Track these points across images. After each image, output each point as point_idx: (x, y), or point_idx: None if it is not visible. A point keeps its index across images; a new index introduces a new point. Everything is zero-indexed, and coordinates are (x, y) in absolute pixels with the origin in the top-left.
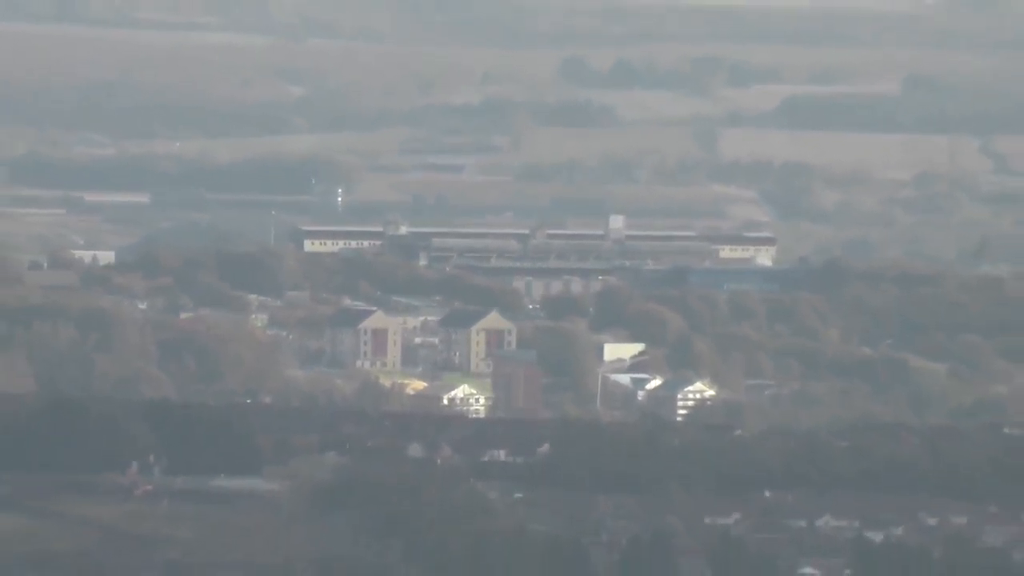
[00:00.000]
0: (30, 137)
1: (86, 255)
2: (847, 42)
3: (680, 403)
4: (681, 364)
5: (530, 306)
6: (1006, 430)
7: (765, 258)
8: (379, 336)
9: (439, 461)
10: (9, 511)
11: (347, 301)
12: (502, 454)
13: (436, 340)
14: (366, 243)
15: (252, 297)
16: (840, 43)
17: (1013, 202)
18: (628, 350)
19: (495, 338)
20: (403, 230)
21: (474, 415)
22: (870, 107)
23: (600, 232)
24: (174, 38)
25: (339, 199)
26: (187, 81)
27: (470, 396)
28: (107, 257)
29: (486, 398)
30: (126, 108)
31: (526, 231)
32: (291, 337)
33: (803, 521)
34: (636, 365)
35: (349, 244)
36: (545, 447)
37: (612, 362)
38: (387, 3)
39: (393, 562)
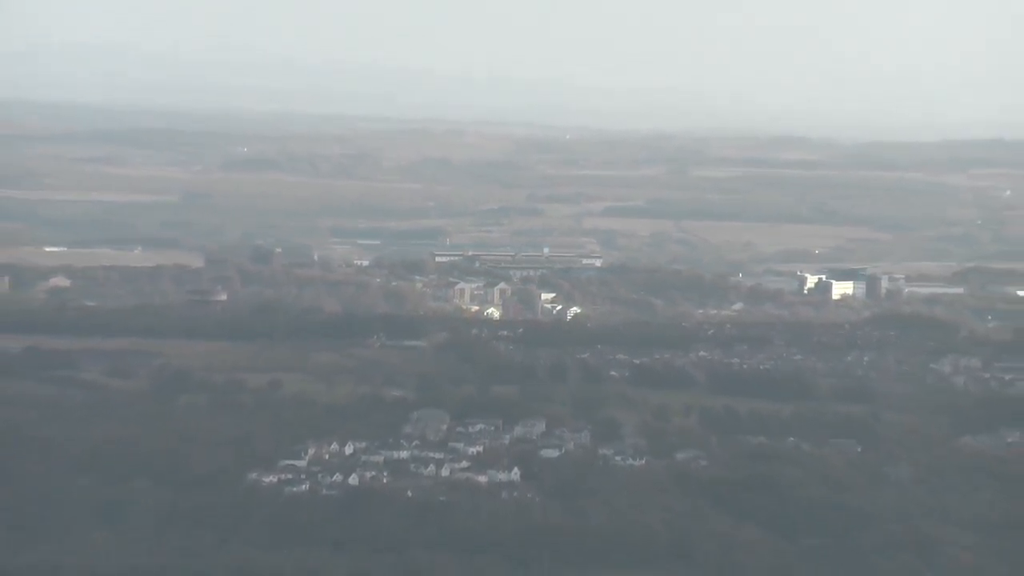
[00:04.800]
0: (332, 223)
1: (358, 261)
2: (627, 190)
3: (569, 314)
4: (569, 301)
5: (514, 280)
6: (684, 324)
7: (597, 263)
8: (462, 291)
9: (482, 335)
10: (331, 353)
11: (450, 279)
12: (505, 333)
13: (483, 292)
14: (457, 258)
15: (417, 277)
16: (624, 189)
17: (687, 245)
18: (550, 296)
19: (504, 292)
20: (470, 253)
21: (495, 319)
22: (634, 210)
23: (539, 255)
24: (378, 184)
25: (447, 242)
26: (386, 200)
27: (494, 312)
28: (364, 262)
29: (499, 314)
30: (367, 209)
31: (514, 253)
32: (430, 291)
33: (612, 356)
34: (552, 301)
35: (451, 259)
36: (521, 330)
37: (544, 300)
38: (464, 173)
39: (465, 371)
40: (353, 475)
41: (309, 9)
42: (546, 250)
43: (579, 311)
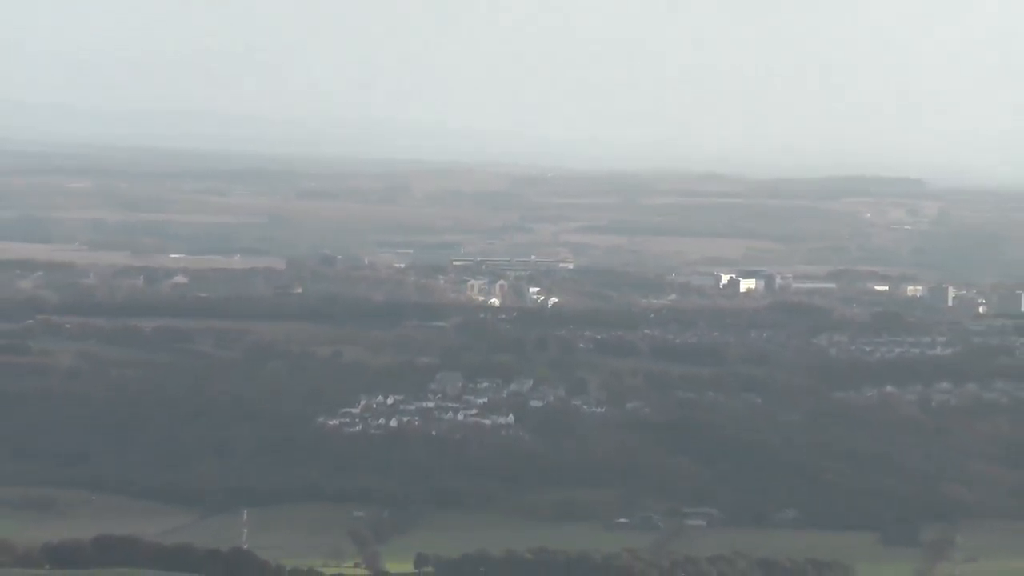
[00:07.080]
0: (378, 237)
1: (397, 265)
2: (593, 214)
3: (550, 303)
4: (550, 293)
5: (510, 278)
6: (632, 310)
7: (570, 266)
8: (472, 287)
9: (487, 318)
10: (377, 331)
11: (464, 277)
12: (503, 316)
13: (487, 287)
14: (468, 262)
15: (439, 276)
16: (591, 213)
17: (635, 254)
18: (536, 290)
19: (503, 287)
20: (478, 259)
21: (496, 307)
22: (598, 228)
23: (528, 260)
24: (411, 209)
25: (462, 251)
26: (417, 221)
27: (495, 301)
28: (401, 266)
29: (499, 303)
30: (403, 228)
31: (510, 259)
32: (449, 287)
33: (581, 333)
34: (538, 293)
35: (464, 263)
36: (515, 314)
37: (531, 293)
38: (474, 201)
39: (474, 344)
40: (393, 419)
41: (356, 78)
42: (533, 257)
43: (557, 300)
